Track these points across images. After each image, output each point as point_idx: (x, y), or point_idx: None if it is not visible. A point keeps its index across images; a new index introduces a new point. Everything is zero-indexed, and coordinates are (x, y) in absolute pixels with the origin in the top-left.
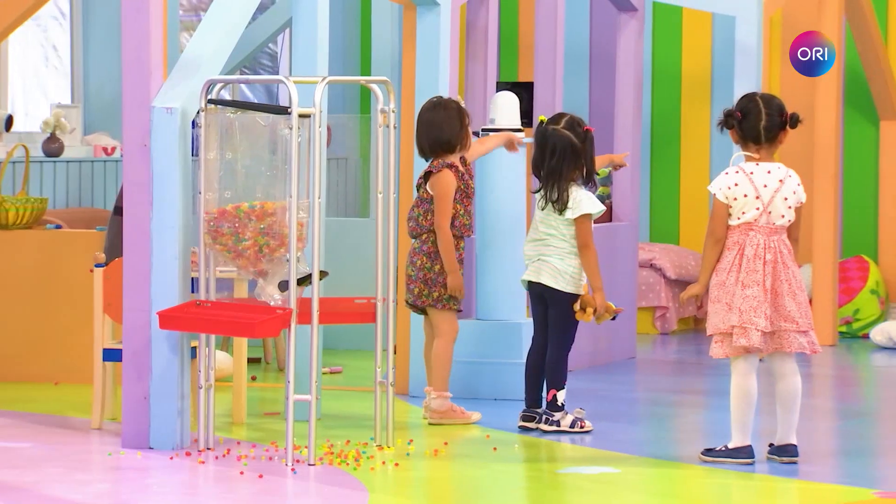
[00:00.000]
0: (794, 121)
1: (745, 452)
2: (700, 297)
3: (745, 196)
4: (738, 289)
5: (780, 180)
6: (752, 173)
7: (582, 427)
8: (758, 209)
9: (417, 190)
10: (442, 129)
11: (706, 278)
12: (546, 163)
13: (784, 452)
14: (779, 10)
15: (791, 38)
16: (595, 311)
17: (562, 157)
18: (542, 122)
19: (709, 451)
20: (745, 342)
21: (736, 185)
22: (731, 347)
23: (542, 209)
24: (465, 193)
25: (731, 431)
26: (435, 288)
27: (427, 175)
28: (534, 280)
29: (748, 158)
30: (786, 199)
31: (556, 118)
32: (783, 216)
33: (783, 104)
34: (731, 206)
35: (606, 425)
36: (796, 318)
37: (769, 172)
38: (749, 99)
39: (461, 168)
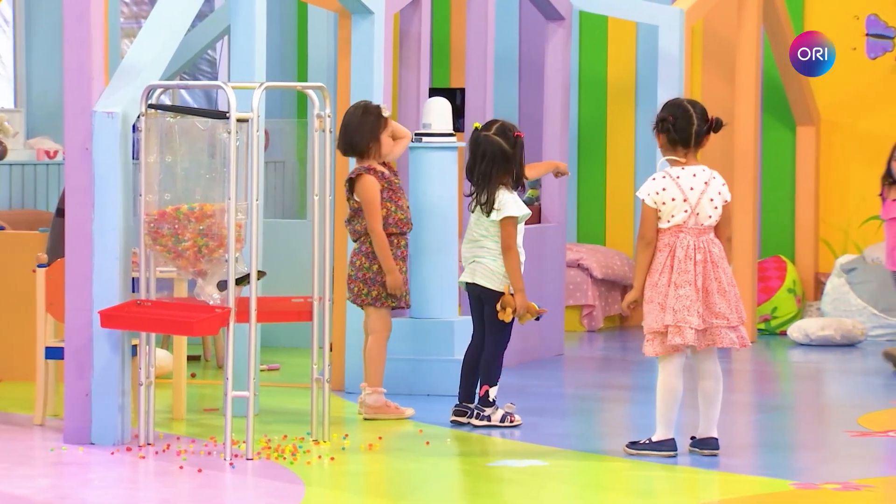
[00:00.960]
0: (718, 125)
1: (668, 445)
2: (639, 301)
3: (673, 200)
4: (672, 289)
5: (706, 182)
6: (678, 177)
7: (512, 422)
8: (686, 211)
9: (347, 200)
10: (353, 134)
11: (641, 282)
12: (477, 167)
13: (706, 445)
14: (700, 19)
15: (712, 47)
16: (515, 311)
17: (491, 162)
18: (476, 128)
19: (633, 444)
20: (680, 340)
21: (664, 189)
22: (662, 346)
23: (473, 212)
24: (391, 191)
25: (656, 425)
26: (374, 287)
27: (350, 183)
28: (469, 281)
29: (674, 163)
30: (711, 199)
31: (489, 125)
32: (710, 216)
33: (706, 109)
34: (660, 210)
35: (535, 420)
36: (727, 314)
37: (695, 175)
38: (677, 105)
39: (381, 168)
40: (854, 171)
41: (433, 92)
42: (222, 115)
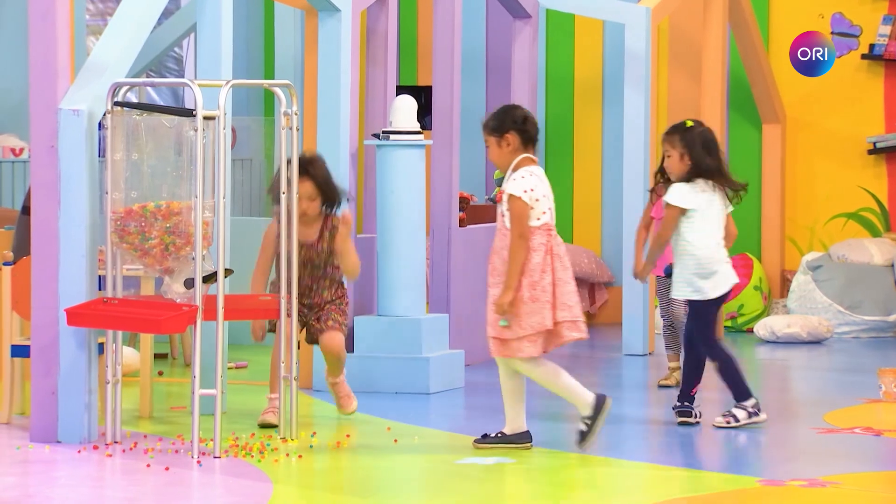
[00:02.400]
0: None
1: (526, 437)
2: (515, 302)
3: (544, 196)
4: (561, 287)
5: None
6: (540, 176)
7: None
8: (550, 209)
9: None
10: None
11: (518, 281)
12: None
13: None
14: (666, 17)
15: (678, 45)
16: None
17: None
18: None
19: (484, 438)
20: (578, 334)
21: (535, 187)
22: (543, 344)
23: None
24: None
25: (512, 419)
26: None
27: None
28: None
29: (530, 161)
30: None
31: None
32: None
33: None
34: (532, 208)
35: (502, 418)
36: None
37: (540, 175)
38: (516, 107)
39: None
40: (820, 169)
41: (400, 90)
42: (189, 113)
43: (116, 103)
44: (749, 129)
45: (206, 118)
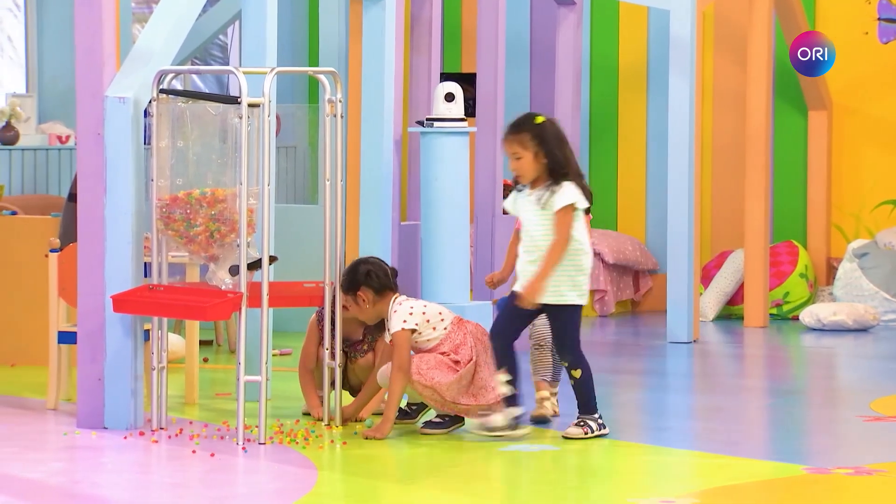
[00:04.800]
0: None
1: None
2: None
3: (425, 306)
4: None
5: None
6: (405, 300)
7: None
8: (441, 312)
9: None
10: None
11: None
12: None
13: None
14: (711, 4)
15: (723, 32)
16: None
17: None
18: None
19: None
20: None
21: (411, 308)
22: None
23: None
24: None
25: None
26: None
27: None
28: None
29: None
30: None
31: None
32: None
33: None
34: (434, 328)
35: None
36: None
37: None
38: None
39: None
40: (866, 156)
41: (444, 77)
42: (234, 101)
43: (162, 91)
44: (795, 115)
45: (250, 105)
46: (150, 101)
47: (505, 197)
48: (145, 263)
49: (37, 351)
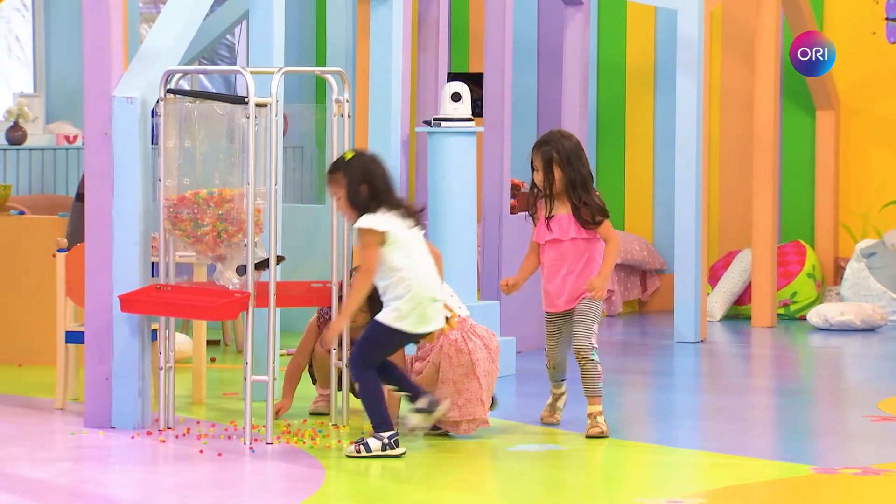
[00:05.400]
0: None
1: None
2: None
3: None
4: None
5: None
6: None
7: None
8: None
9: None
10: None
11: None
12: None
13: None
14: (719, 4)
15: (731, 32)
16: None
17: None
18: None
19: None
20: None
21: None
22: None
23: None
24: None
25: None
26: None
27: None
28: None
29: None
30: None
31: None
32: None
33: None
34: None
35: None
36: None
37: None
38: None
39: None
40: (873, 156)
41: (451, 77)
42: (241, 100)
43: (169, 91)
44: (802, 115)
45: (258, 105)
46: (157, 101)
47: (512, 197)
48: (153, 263)
49: (44, 351)
